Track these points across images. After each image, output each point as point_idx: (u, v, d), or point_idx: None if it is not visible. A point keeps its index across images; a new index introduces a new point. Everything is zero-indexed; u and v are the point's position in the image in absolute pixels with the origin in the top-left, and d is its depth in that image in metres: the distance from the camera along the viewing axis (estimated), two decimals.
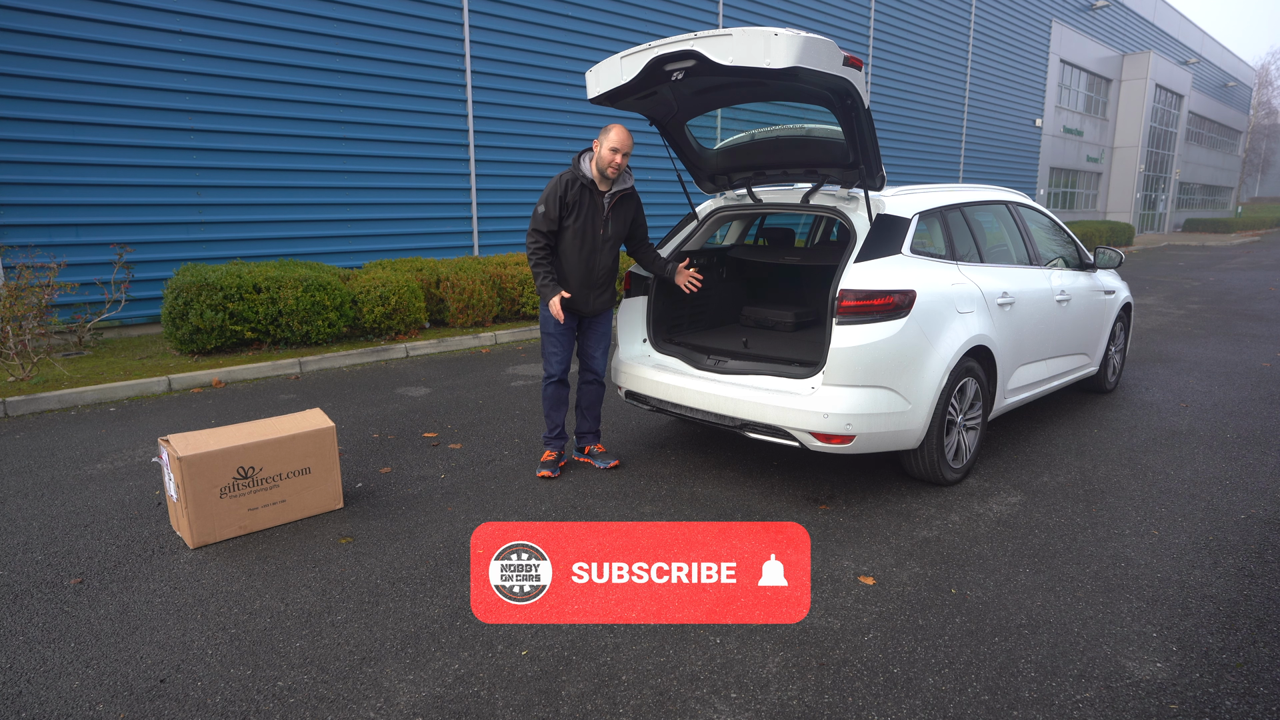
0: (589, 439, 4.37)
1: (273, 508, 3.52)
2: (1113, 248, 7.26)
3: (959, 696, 2.36)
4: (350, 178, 9.58)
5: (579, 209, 3.90)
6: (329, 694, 2.38)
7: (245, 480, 3.42)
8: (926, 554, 3.29)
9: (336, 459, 3.70)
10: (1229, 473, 4.28)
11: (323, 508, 3.68)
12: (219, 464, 3.35)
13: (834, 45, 3.11)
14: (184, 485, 3.25)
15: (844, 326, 3.56)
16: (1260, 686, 2.42)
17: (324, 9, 9.12)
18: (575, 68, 11.72)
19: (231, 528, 3.41)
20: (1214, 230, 36.23)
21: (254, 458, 3.44)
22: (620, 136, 3.82)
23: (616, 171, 3.88)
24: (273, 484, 3.50)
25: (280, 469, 3.52)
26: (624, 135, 3.83)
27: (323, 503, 3.68)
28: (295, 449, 3.55)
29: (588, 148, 3.94)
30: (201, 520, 3.32)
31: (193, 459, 3.27)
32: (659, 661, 2.54)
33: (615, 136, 3.81)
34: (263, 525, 3.50)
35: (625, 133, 3.83)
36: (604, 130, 3.85)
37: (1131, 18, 31.40)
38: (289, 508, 3.57)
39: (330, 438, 3.66)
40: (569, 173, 3.89)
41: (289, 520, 3.57)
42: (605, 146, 3.81)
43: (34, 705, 2.32)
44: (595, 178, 3.90)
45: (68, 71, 7.48)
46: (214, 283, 6.72)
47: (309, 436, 3.59)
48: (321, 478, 3.65)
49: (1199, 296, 12.34)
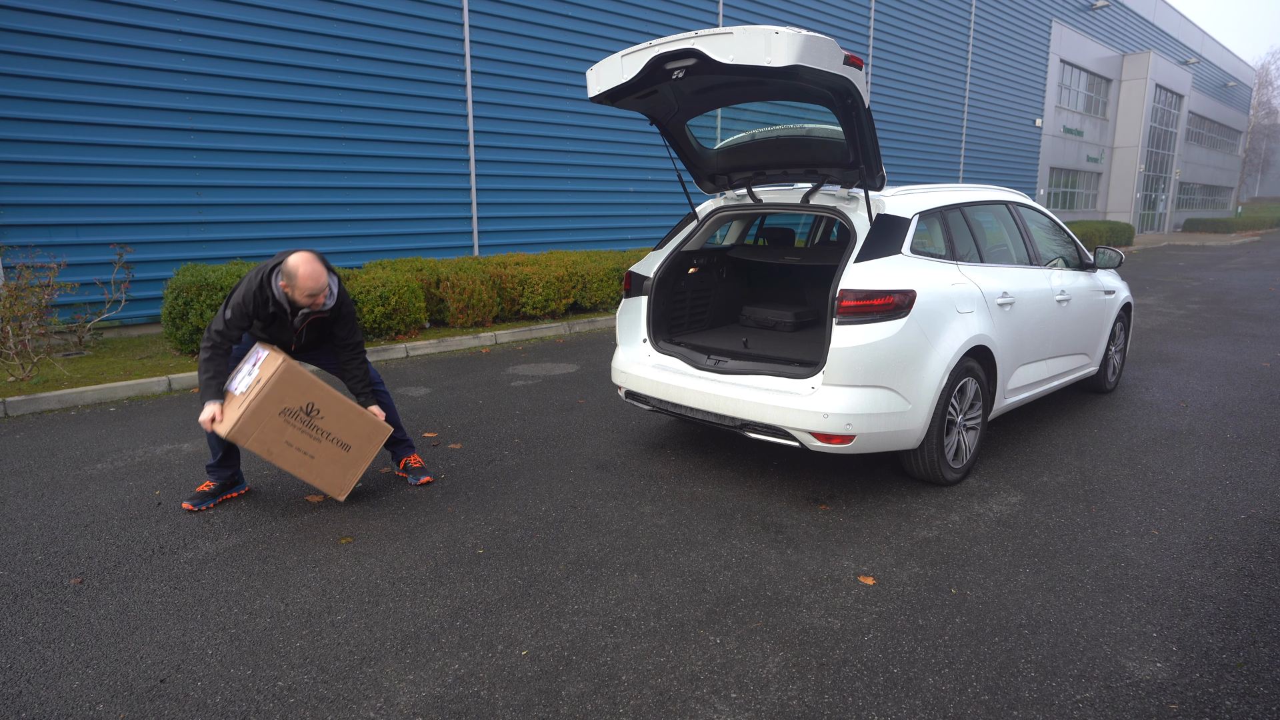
0: (402, 449, 4.11)
1: (299, 455, 3.55)
2: (1113, 248, 7.27)
3: (959, 696, 2.36)
4: (350, 178, 9.59)
5: (270, 325, 3.60)
6: (329, 694, 2.37)
7: (305, 415, 3.49)
8: (926, 554, 3.29)
9: (373, 456, 3.77)
10: (1229, 473, 4.28)
11: (331, 488, 3.69)
12: (301, 388, 3.46)
13: (835, 44, 3.12)
14: (264, 384, 3.33)
15: (844, 326, 3.56)
16: (1260, 686, 2.42)
17: (324, 9, 9.12)
18: (575, 68, 11.72)
19: (262, 445, 3.44)
20: (1214, 230, 36.23)
21: (325, 404, 3.54)
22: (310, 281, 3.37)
23: (319, 304, 3.52)
24: (317, 436, 3.55)
25: (332, 429, 3.60)
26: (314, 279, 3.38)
27: (335, 483, 3.69)
28: (354, 423, 3.67)
29: (278, 264, 3.46)
30: (251, 420, 3.37)
31: (295, 369, 3.41)
32: (659, 661, 2.53)
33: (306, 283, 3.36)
34: (281, 463, 3.52)
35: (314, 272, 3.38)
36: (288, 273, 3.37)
37: (1131, 18, 31.41)
38: (311, 466, 3.59)
39: (382, 436, 3.78)
40: (261, 289, 3.45)
41: (301, 477, 3.60)
42: (300, 292, 3.40)
43: (34, 705, 2.32)
44: (285, 303, 3.52)
45: (68, 71, 7.48)
46: (214, 283, 6.72)
47: (369, 421, 3.72)
48: (351, 462, 3.70)
49: (1199, 296, 12.34)
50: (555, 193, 11.96)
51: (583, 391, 6.08)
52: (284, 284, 3.47)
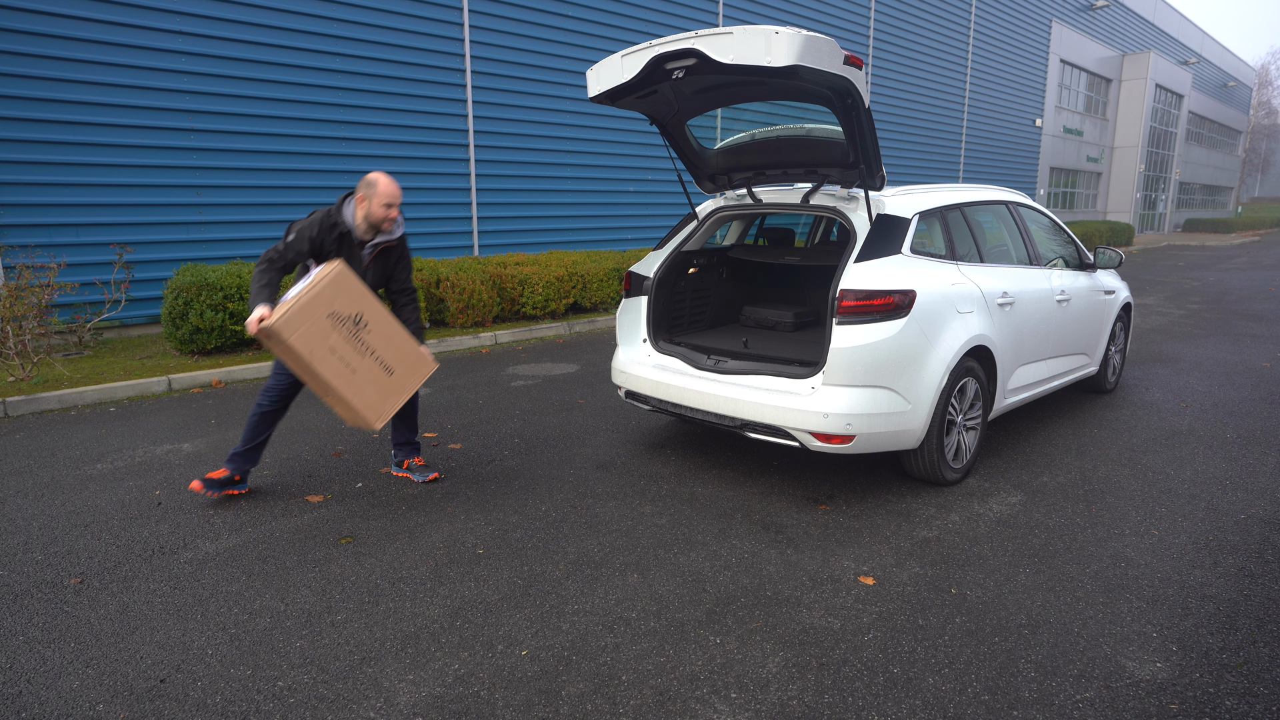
0: (406, 451, 4.10)
1: (342, 365, 3.40)
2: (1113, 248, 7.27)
3: (959, 696, 2.36)
4: (350, 178, 9.58)
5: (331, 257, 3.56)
6: (329, 694, 2.38)
7: (353, 324, 3.39)
8: (926, 554, 3.29)
9: (414, 390, 3.63)
10: (1229, 473, 4.28)
11: (366, 411, 3.46)
12: (352, 294, 3.38)
13: (835, 44, 3.12)
14: (321, 284, 3.28)
15: (844, 326, 3.56)
16: (1260, 686, 2.42)
17: (324, 9, 9.12)
18: (575, 68, 11.72)
19: (305, 344, 3.31)
20: (1214, 230, 36.23)
21: (373, 318, 3.45)
22: (391, 190, 3.51)
23: (391, 225, 3.62)
24: (361, 350, 3.44)
25: (378, 348, 3.48)
26: (394, 187, 3.53)
27: (372, 408, 3.49)
28: (401, 346, 3.55)
29: (351, 191, 3.59)
30: (299, 315, 3.27)
31: (346, 273, 3.35)
32: (659, 661, 2.53)
33: (387, 190, 3.49)
34: (321, 370, 3.36)
35: (395, 184, 3.55)
36: (369, 181, 3.50)
37: (1131, 18, 31.41)
38: (350, 380, 3.42)
39: (428, 370, 3.64)
40: (328, 215, 3.53)
41: (338, 393, 3.39)
42: (378, 203, 3.50)
43: (34, 705, 2.32)
44: (361, 228, 3.58)
45: (68, 71, 7.48)
46: (214, 283, 6.72)
47: (416, 351, 3.61)
48: (391, 389, 3.55)
49: (1199, 296, 12.34)
50: (555, 193, 11.96)
51: (583, 391, 6.08)
52: (361, 196, 3.51)
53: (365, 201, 3.51)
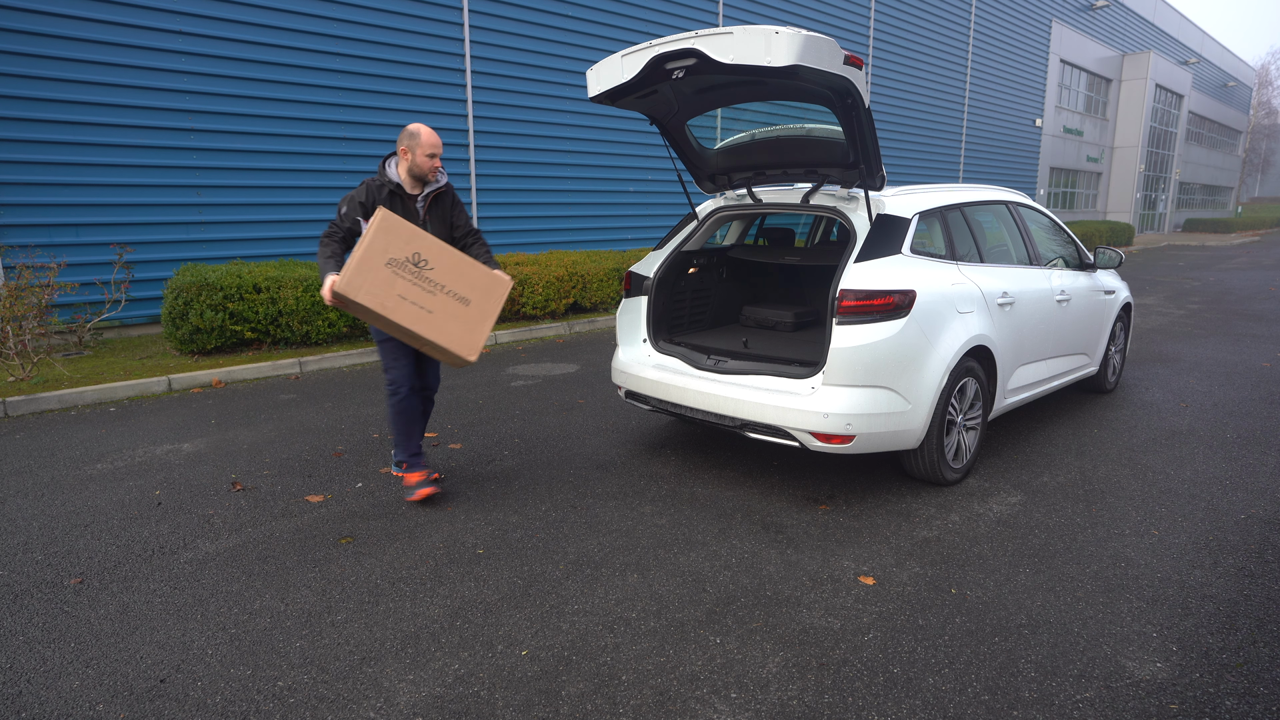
0: None
1: (417, 310, 3.36)
2: (1113, 248, 7.27)
3: (959, 696, 2.36)
4: (351, 178, 9.58)
5: None
6: (329, 694, 2.38)
7: (414, 266, 3.35)
8: (926, 554, 3.29)
9: (496, 313, 3.53)
10: (1229, 473, 4.28)
11: (458, 348, 3.42)
12: (407, 238, 3.34)
13: (835, 44, 3.12)
14: (366, 236, 3.28)
15: (844, 326, 3.56)
16: (1260, 686, 2.42)
17: (324, 9, 9.12)
18: (575, 68, 11.72)
19: (374, 298, 3.29)
20: (1214, 230, 36.23)
21: (433, 255, 3.39)
22: (433, 139, 3.56)
23: (435, 174, 3.66)
24: (431, 290, 3.39)
25: (446, 281, 3.41)
26: (436, 137, 3.58)
27: (462, 343, 3.42)
28: (469, 275, 3.46)
29: (392, 152, 3.66)
30: (359, 273, 3.26)
31: (390, 217, 3.32)
32: (659, 661, 2.53)
33: (429, 140, 3.54)
34: (400, 319, 3.33)
35: (435, 134, 3.59)
36: (410, 133, 3.54)
37: (1131, 18, 31.41)
38: (430, 321, 3.39)
39: (504, 289, 3.53)
40: (374, 178, 3.61)
41: (423, 335, 3.35)
42: (421, 153, 3.54)
43: (34, 705, 2.32)
44: (406, 182, 3.62)
45: (68, 71, 7.48)
46: (214, 283, 6.72)
47: (485, 273, 3.51)
48: (474, 318, 3.48)
49: (1199, 296, 12.34)
50: (555, 193, 11.96)
51: (583, 391, 6.08)
52: (404, 149, 3.54)
53: (409, 154, 3.55)
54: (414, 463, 3.88)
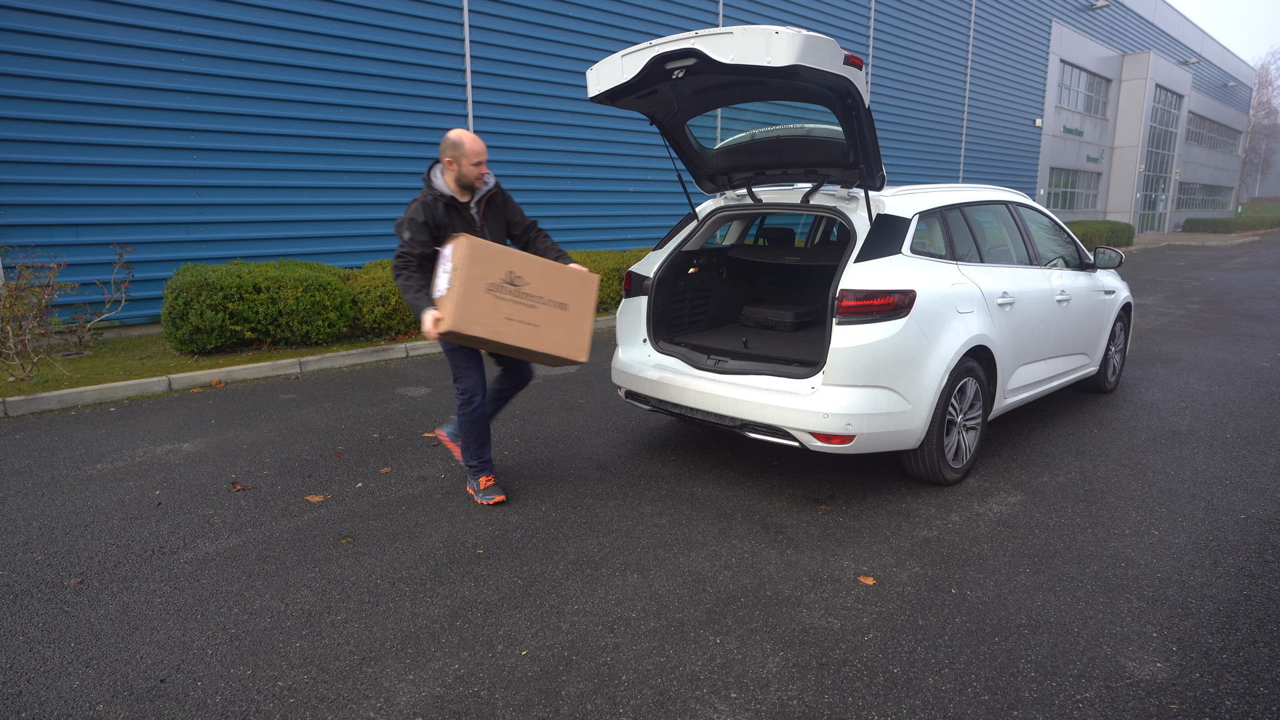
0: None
1: (525, 327, 3.46)
2: (1113, 248, 7.27)
3: (959, 696, 2.36)
4: (350, 178, 9.59)
5: (449, 231, 3.56)
6: (329, 694, 2.38)
7: (511, 286, 3.42)
8: (926, 554, 3.29)
9: (593, 310, 3.65)
10: (1229, 473, 4.28)
11: (568, 353, 3.58)
12: (496, 259, 3.39)
13: (835, 44, 3.12)
14: (461, 267, 3.30)
15: (844, 326, 3.56)
16: (1260, 686, 2.42)
17: (324, 9, 9.12)
18: (575, 68, 11.72)
19: (485, 327, 3.36)
20: (1214, 230, 36.23)
21: (524, 269, 3.46)
22: (477, 145, 3.51)
23: (482, 180, 3.62)
24: (532, 304, 3.48)
25: (543, 292, 3.50)
26: (479, 143, 3.53)
27: (570, 347, 3.58)
28: (560, 280, 3.56)
29: (435, 160, 3.62)
30: (465, 305, 3.31)
31: (480, 243, 3.35)
32: (659, 661, 2.53)
33: (473, 148, 3.49)
34: (512, 340, 3.44)
35: (478, 139, 3.55)
36: (453, 142, 3.48)
37: (1131, 18, 31.41)
38: (539, 335, 3.50)
39: (593, 285, 3.65)
40: (424, 195, 3.54)
41: (535, 349, 3.49)
42: (467, 162, 3.50)
43: (34, 705, 2.32)
44: (456, 192, 3.58)
45: (68, 71, 7.48)
46: (214, 283, 6.72)
47: (574, 274, 3.61)
48: (575, 320, 3.60)
49: (1199, 296, 12.34)
50: (555, 193, 11.96)
51: (583, 391, 6.08)
52: (448, 160, 3.50)
53: (454, 164, 3.51)
54: (485, 468, 3.87)
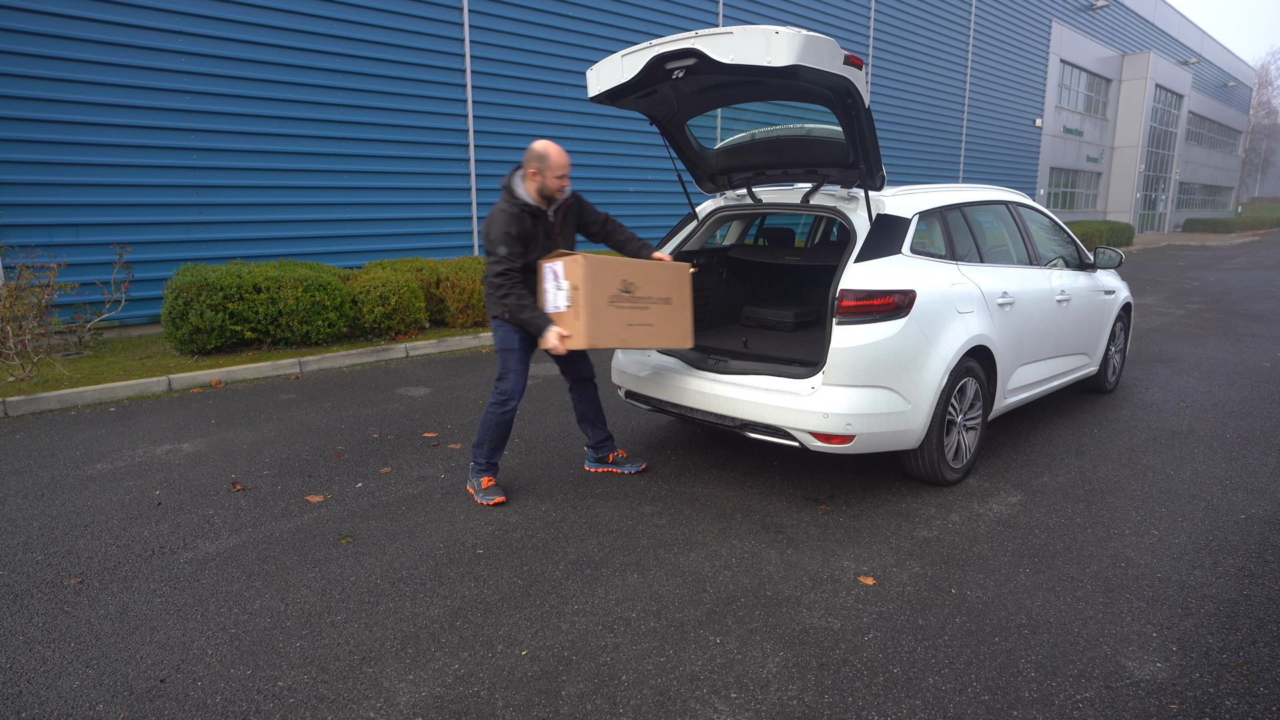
0: (609, 445, 4.22)
1: (644, 329, 3.64)
2: (1113, 248, 7.27)
3: (959, 696, 2.36)
4: (350, 178, 9.59)
5: (534, 242, 3.63)
6: (329, 694, 2.38)
7: (626, 294, 3.57)
8: (926, 554, 3.29)
9: (690, 298, 3.83)
10: (1229, 473, 4.28)
11: (679, 342, 3.83)
12: (610, 272, 3.52)
13: (835, 44, 3.12)
14: (584, 286, 3.41)
15: (844, 326, 3.56)
16: (1260, 686, 2.42)
17: (324, 9, 9.12)
18: (575, 68, 11.72)
19: (613, 338, 3.53)
20: (1214, 230, 36.23)
21: (633, 275, 3.61)
22: (562, 159, 3.55)
23: (561, 193, 3.67)
24: (644, 305, 3.64)
25: (651, 292, 3.67)
26: (565, 156, 3.58)
27: (679, 336, 3.81)
28: (661, 276, 3.74)
29: (517, 166, 3.63)
30: (594, 322, 3.44)
31: (595, 260, 3.46)
32: (659, 661, 2.53)
33: (559, 161, 3.53)
34: (635, 344, 3.63)
35: (564, 152, 3.58)
36: (539, 154, 3.51)
37: (1131, 18, 31.41)
38: (656, 332, 3.68)
39: (688, 275, 3.86)
40: (509, 206, 3.55)
41: (655, 346, 3.75)
42: (551, 175, 3.54)
43: (34, 705, 2.32)
44: (537, 201, 3.61)
45: (68, 71, 7.48)
46: (214, 283, 6.72)
47: (670, 268, 3.77)
48: (679, 311, 3.79)
49: (1199, 296, 12.34)
50: None
51: None
52: (533, 171, 3.55)
53: (538, 176, 3.57)
54: (491, 470, 3.89)
